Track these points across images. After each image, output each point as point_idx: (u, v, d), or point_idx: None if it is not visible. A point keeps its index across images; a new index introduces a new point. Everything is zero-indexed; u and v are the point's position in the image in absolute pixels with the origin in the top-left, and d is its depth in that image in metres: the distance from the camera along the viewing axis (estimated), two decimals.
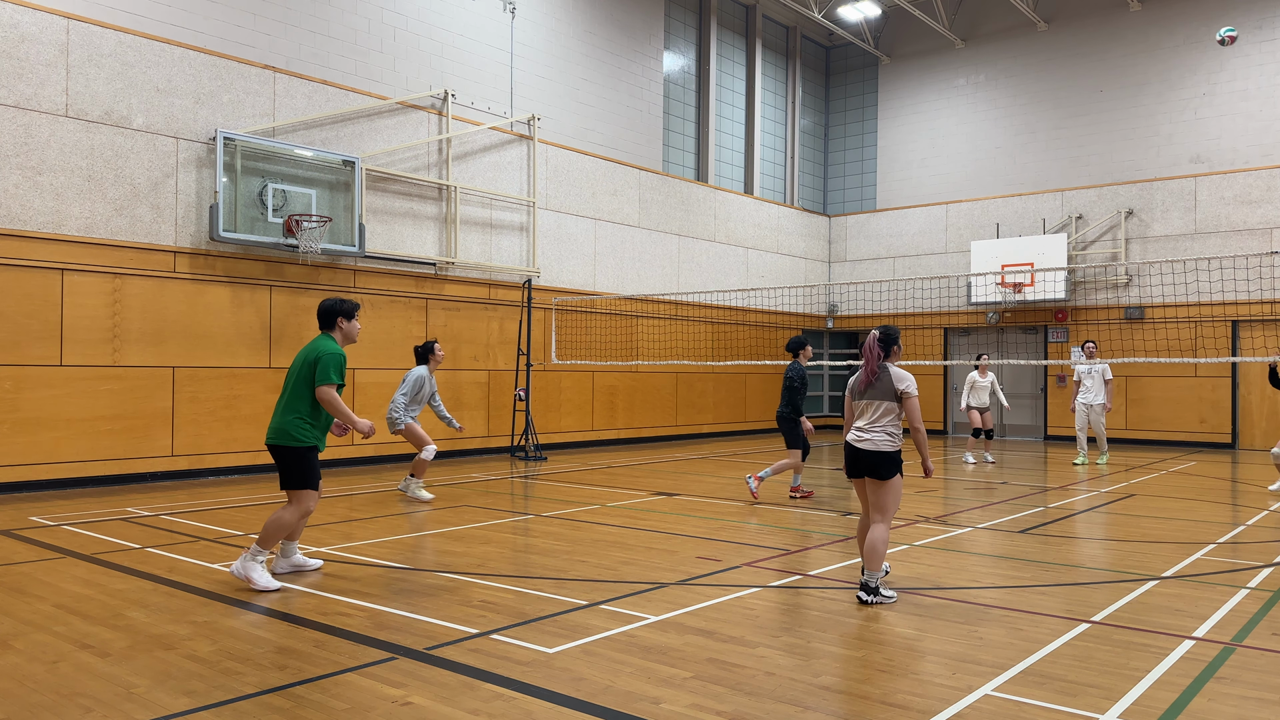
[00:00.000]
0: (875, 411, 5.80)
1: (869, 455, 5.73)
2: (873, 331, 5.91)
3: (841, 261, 22.80)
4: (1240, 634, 4.99)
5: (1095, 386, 13.85)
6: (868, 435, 5.77)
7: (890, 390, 5.77)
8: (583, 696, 4.01)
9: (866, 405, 5.85)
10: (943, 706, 3.91)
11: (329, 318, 6.36)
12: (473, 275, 14.72)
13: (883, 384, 5.80)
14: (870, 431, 5.77)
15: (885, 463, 5.71)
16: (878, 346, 5.85)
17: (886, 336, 5.90)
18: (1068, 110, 19.49)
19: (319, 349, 6.10)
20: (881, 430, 5.76)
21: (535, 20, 15.89)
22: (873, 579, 5.63)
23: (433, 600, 5.63)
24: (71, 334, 10.49)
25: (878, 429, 5.76)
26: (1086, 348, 13.86)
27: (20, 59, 10.17)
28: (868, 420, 5.82)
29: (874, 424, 5.79)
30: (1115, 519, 9.06)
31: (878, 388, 5.82)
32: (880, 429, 5.76)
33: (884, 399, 5.78)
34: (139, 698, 3.98)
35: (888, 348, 5.93)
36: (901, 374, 5.81)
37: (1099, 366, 13.82)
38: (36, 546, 7.26)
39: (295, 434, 6.03)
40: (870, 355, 5.85)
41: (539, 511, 9.29)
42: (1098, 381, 13.85)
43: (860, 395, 5.91)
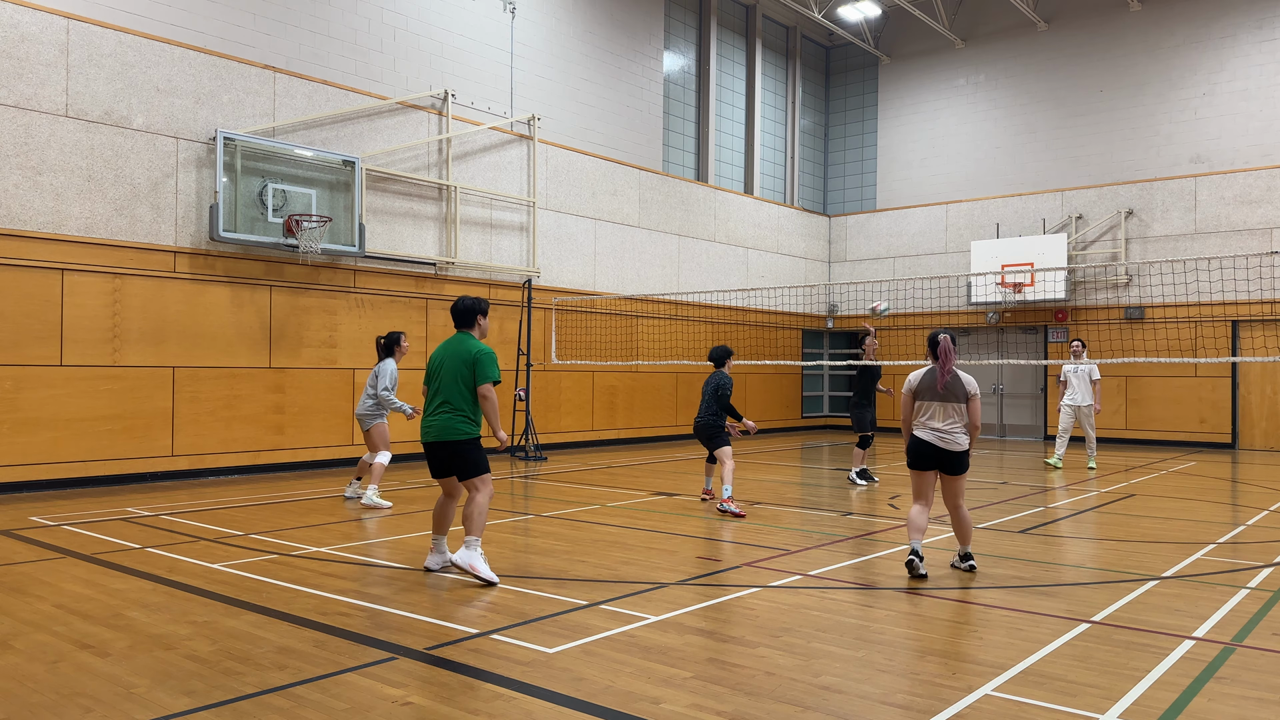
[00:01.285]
0: (953, 412, 6.31)
1: (954, 454, 6.30)
2: (943, 335, 6.33)
3: (841, 261, 22.80)
4: (1240, 634, 4.99)
5: (1082, 387, 13.47)
6: (950, 435, 6.30)
7: (962, 392, 6.32)
8: (583, 696, 4.01)
9: (941, 407, 6.33)
10: (943, 706, 3.91)
11: (469, 316, 6.53)
12: (473, 275, 14.72)
13: (956, 386, 6.32)
14: (952, 432, 6.30)
15: (966, 458, 6.37)
16: (955, 351, 6.30)
17: (954, 340, 6.38)
18: (1068, 110, 19.49)
19: (473, 348, 6.32)
20: (961, 429, 6.32)
21: (535, 20, 15.89)
22: (967, 551, 6.48)
23: (433, 600, 5.63)
24: (71, 334, 10.49)
25: (958, 429, 6.31)
26: (1073, 347, 13.61)
27: (20, 59, 10.17)
28: (945, 421, 6.32)
29: (952, 424, 6.31)
30: (1115, 519, 9.06)
31: (953, 389, 6.31)
32: (960, 429, 6.32)
33: (959, 400, 6.30)
34: (139, 698, 3.98)
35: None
36: (969, 377, 6.38)
37: (1085, 367, 13.49)
38: (36, 546, 7.26)
39: (464, 428, 6.32)
40: (948, 358, 6.31)
41: (539, 511, 9.29)
42: (1084, 382, 13.49)
43: (936, 396, 6.34)
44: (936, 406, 6.31)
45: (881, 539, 7.82)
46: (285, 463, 12.31)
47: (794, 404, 21.74)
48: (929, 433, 6.30)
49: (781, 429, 21.19)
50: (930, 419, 6.33)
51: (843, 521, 8.74)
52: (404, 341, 10.00)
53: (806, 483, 11.92)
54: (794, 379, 21.73)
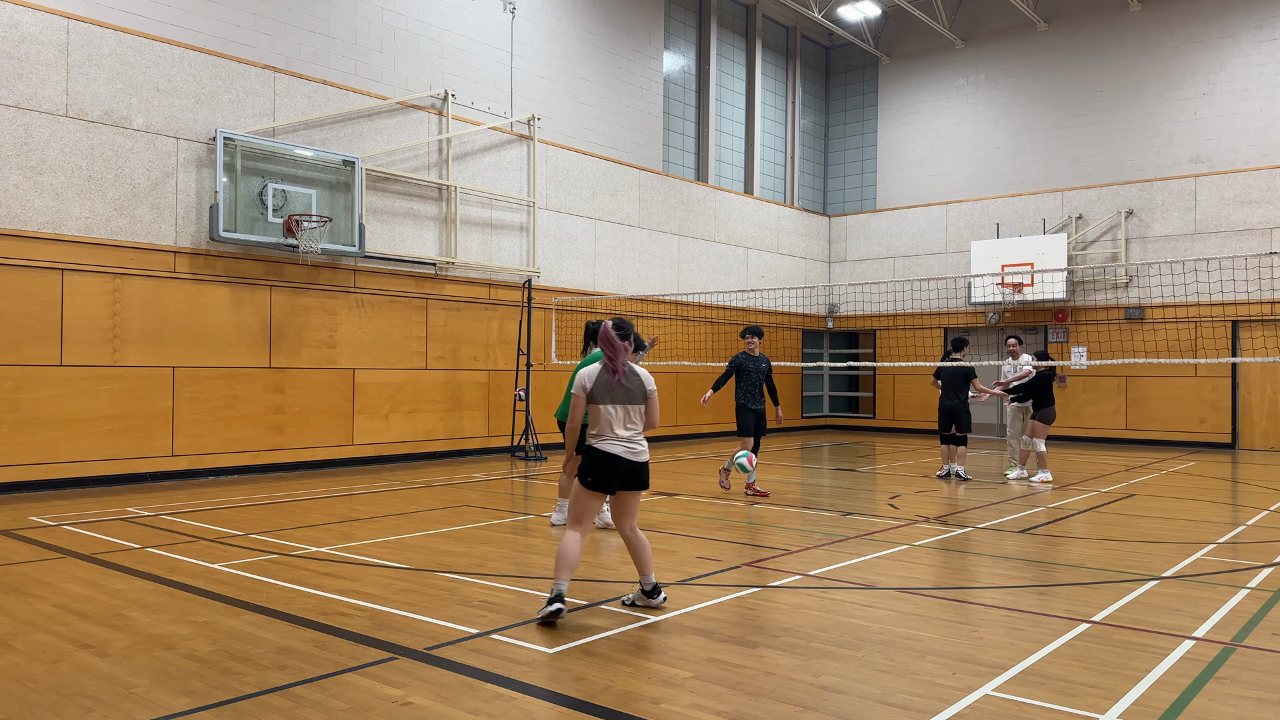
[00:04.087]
0: (635, 416, 5.48)
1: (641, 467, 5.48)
2: (607, 322, 5.40)
3: (841, 261, 22.80)
4: (1240, 634, 4.99)
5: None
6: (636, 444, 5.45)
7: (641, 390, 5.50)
8: (583, 696, 4.00)
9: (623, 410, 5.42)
10: (943, 706, 3.91)
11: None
12: (473, 275, 14.72)
13: (634, 382, 5.46)
14: (638, 440, 5.47)
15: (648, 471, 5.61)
16: (631, 341, 5.53)
17: (624, 327, 5.52)
18: (1068, 110, 19.49)
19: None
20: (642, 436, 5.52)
21: (535, 20, 15.89)
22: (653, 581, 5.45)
23: (433, 600, 5.63)
24: (71, 334, 10.49)
25: (641, 436, 5.50)
26: (1008, 344, 12.63)
27: (20, 59, 10.17)
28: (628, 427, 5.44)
29: (635, 431, 5.46)
30: (1115, 519, 9.06)
31: (631, 388, 5.43)
32: (641, 436, 5.52)
33: (638, 401, 5.49)
34: (139, 698, 3.98)
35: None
36: (644, 371, 5.61)
37: (1026, 365, 12.30)
38: (36, 546, 7.25)
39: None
40: (615, 350, 5.40)
41: (539, 511, 9.28)
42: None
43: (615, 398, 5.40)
44: (618, 411, 5.35)
45: (881, 539, 7.82)
46: (285, 463, 12.31)
47: (794, 404, 21.74)
48: (616, 444, 5.32)
49: (781, 429, 21.18)
50: (613, 427, 5.35)
51: (843, 521, 8.74)
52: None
53: (806, 483, 11.92)
54: (794, 379, 21.73)
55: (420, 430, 13.88)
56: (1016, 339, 12.71)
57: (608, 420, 5.35)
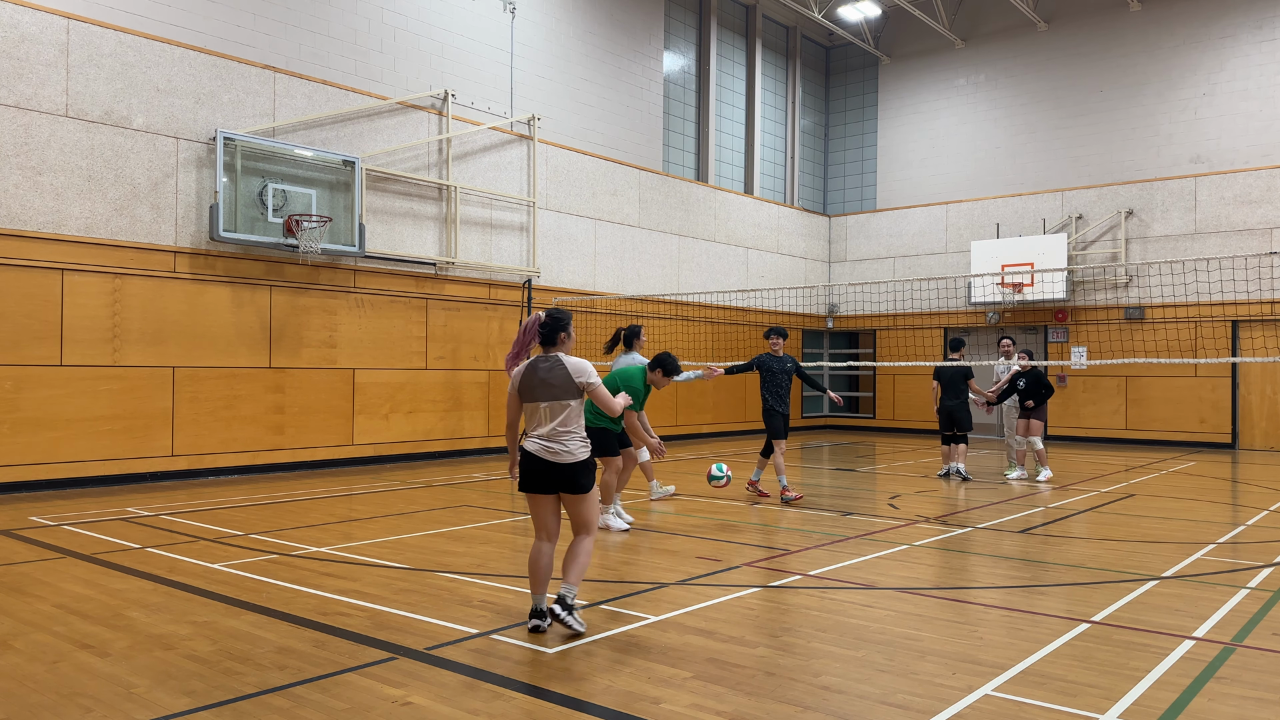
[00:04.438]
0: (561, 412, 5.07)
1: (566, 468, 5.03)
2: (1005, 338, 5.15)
3: (841, 261, 22.80)
4: (1240, 634, 4.99)
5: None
6: (558, 443, 5.02)
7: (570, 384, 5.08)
8: (583, 696, 4.00)
9: (548, 407, 5.05)
10: (943, 706, 3.91)
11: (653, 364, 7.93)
12: (473, 275, 14.72)
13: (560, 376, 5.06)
14: (560, 438, 5.00)
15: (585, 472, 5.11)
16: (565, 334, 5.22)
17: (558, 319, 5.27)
18: (1068, 110, 19.49)
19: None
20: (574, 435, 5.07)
21: (535, 20, 15.89)
22: (568, 594, 4.94)
23: (433, 600, 5.62)
24: (71, 334, 10.49)
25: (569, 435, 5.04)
26: (1003, 345, 12.62)
27: (20, 59, 10.17)
28: (551, 424, 5.07)
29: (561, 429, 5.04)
30: (1115, 519, 9.06)
31: (555, 382, 5.06)
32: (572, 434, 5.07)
33: (568, 396, 5.07)
34: (139, 698, 3.98)
35: None
36: (579, 362, 5.16)
37: (1018, 366, 12.36)
38: (36, 546, 7.25)
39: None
40: (535, 340, 5.19)
41: None
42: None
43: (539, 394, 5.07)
44: (542, 407, 5.01)
45: (881, 539, 7.82)
46: (285, 463, 12.31)
47: (794, 404, 21.73)
48: (534, 441, 5.00)
49: None
50: (537, 424, 5.04)
51: (843, 521, 8.74)
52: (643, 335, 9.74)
53: (806, 483, 11.92)
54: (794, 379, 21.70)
55: (420, 430, 13.88)
56: (1010, 339, 12.72)
57: (533, 416, 5.05)
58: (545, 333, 5.18)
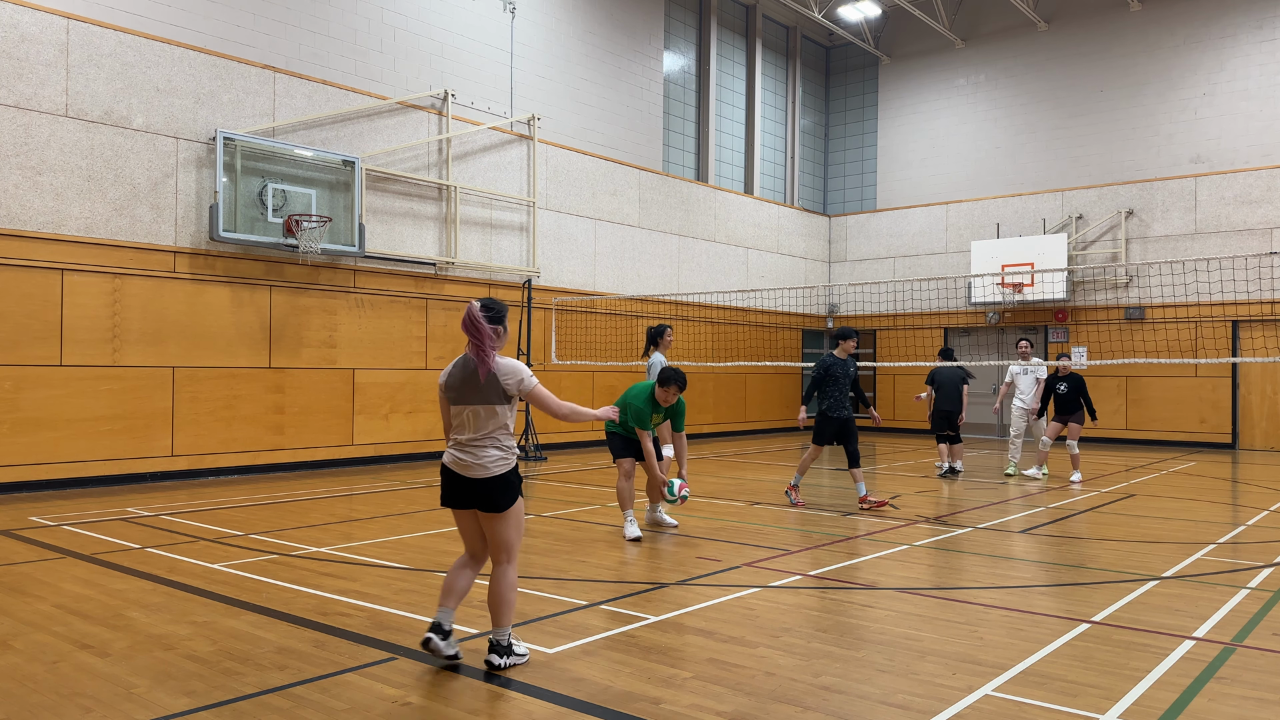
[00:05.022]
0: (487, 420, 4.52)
1: (479, 484, 4.49)
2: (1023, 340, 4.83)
3: (841, 261, 22.80)
4: (1240, 634, 4.99)
5: (1029, 389, 12.74)
6: (473, 455, 4.50)
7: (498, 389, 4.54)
8: (583, 696, 4.00)
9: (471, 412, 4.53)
10: (943, 706, 3.91)
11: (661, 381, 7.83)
12: (473, 275, 14.72)
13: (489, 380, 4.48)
14: (476, 448, 4.49)
15: (504, 489, 4.54)
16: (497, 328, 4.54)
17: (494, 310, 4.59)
18: (1068, 110, 19.49)
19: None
20: (494, 447, 4.52)
21: (535, 20, 15.89)
22: (503, 638, 4.45)
23: (433, 600, 5.62)
24: (71, 334, 10.49)
25: (488, 446, 4.51)
26: (1020, 347, 12.67)
27: (20, 59, 10.17)
28: (473, 432, 4.55)
29: (481, 439, 4.53)
30: (1115, 519, 9.06)
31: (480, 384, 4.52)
32: (491, 446, 4.52)
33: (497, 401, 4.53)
34: (139, 698, 3.98)
35: None
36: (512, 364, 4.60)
37: (1034, 368, 12.68)
38: (36, 546, 7.25)
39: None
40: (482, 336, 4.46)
41: (539, 511, 9.28)
42: (1031, 386, 12.74)
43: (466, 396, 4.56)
44: (467, 411, 4.46)
45: (882, 539, 7.82)
46: (285, 463, 12.31)
47: (794, 404, 21.72)
48: (450, 452, 4.50)
49: (782, 429, 21.19)
50: (460, 429, 4.50)
51: (843, 521, 8.74)
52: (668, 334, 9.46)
53: (807, 483, 11.92)
54: (794, 379, 21.73)
55: (420, 430, 13.88)
56: (1028, 341, 12.83)
57: (457, 422, 4.52)
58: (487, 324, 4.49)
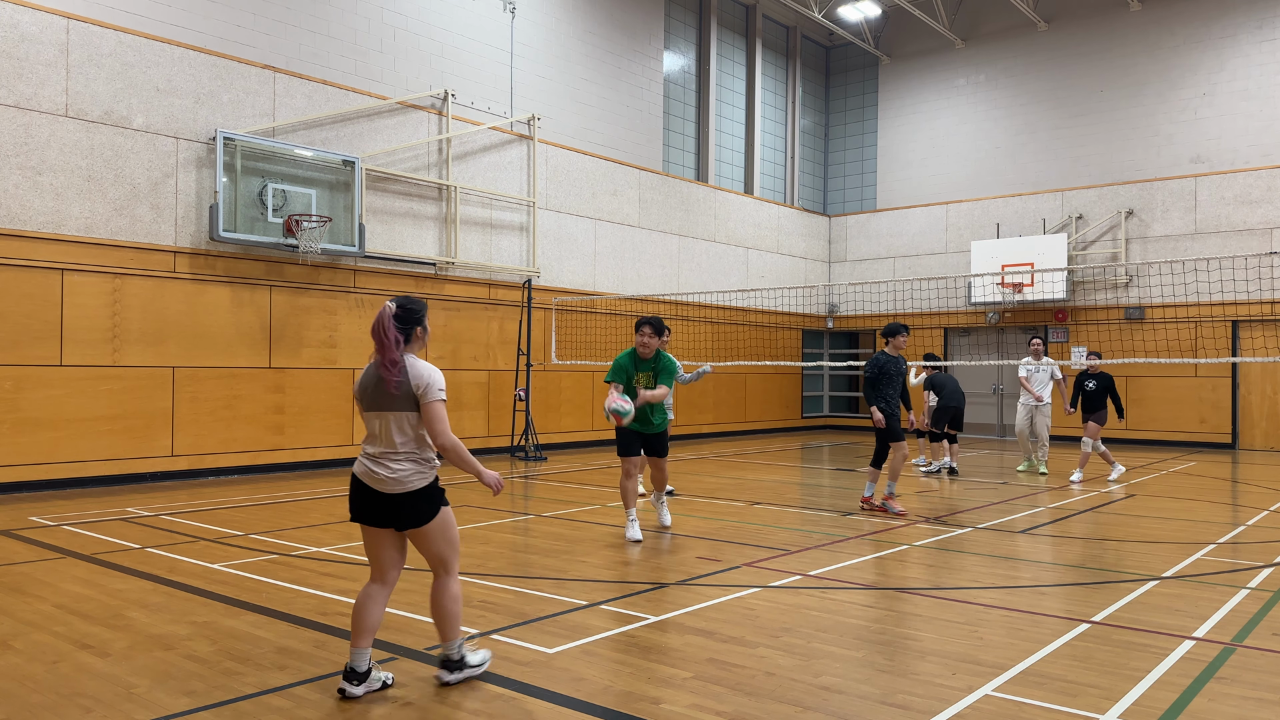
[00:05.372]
0: (396, 429, 4.11)
1: (389, 499, 4.14)
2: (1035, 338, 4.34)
3: (841, 261, 22.80)
4: (1240, 634, 4.99)
5: (1047, 385, 12.93)
6: (383, 467, 4.11)
7: (408, 396, 4.13)
8: (583, 696, 4.00)
9: (379, 419, 4.14)
10: (943, 706, 3.91)
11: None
12: (473, 275, 14.72)
13: (399, 385, 4.11)
14: (387, 460, 4.10)
15: (417, 504, 4.21)
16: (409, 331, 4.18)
17: (411, 309, 4.20)
18: (1068, 110, 19.49)
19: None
20: (404, 459, 4.12)
21: (535, 20, 15.89)
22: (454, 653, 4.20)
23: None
24: (71, 334, 10.49)
25: (399, 458, 4.11)
26: (1033, 345, 12.85)
27: (20, 59, 10.17)
28: (382, 444, 4.16)
29: (391, 450, 4.12)
30: (1115, 519, 9.06)
31: (389, 392, 4.11)
32: (402, 458, 4.12)
33: (403, 409, 4.11)
34: (139, 698, 3.98)
35: None
36: (425, 368, 4.14)
37: (1047, 366, 12.83)
38: (36, 546, 7.25)
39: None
40: (386, 340, 4.06)
41: (539, 511, 9.28)
42: (1045, 383, 12.94)
43: (373, 402, 4.17)
44: (378, 420, 4.10)
45: (881, 539, 7.82)
46: (285, 463, 12.31)
47: (794, 404, 21.74)
48: (361, 463, 4.12)
49: (781, 429, 21.19)
50: (372, 439, 4.14)
51: (843, 521, 8.74)
52: None
53: (806, 483, 11.92)
54: (794, 379, 21.73)
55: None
56: (1040, 339, 13.03)
57: (370, 432, 4.16)
58: (398, 325, 4.10)
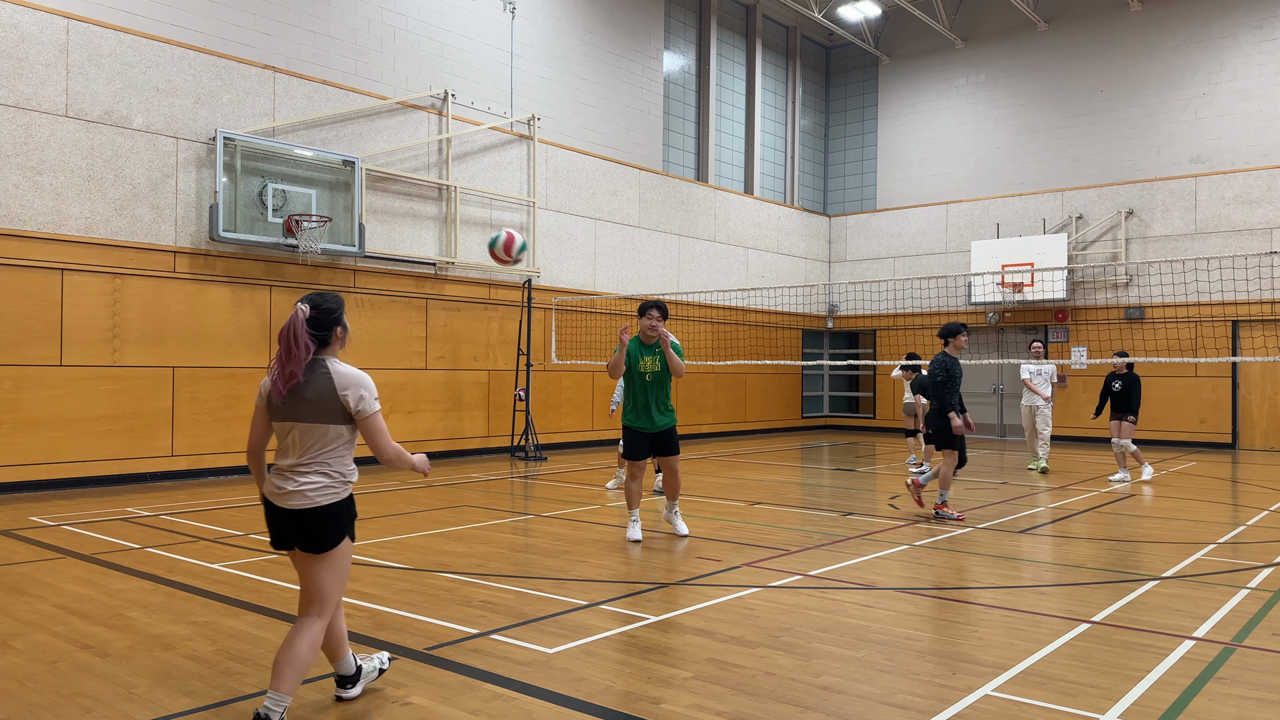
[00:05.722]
0: (312, 442, 3.77)
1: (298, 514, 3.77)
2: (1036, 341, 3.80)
3: (841, 261, 22.80)
4: (1240, 634, 4.99)
5: (1043, 388, 13.10)
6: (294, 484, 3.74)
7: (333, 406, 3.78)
8: (583, 696, 4.00)
9: (290, 431, 3.80)
10: (943, 706, 3.91)
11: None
12: (473, 275, 14.72)
13: (319, 392, 3.77)
14: (299, 475, 3.77)
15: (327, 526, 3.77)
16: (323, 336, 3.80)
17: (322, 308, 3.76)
18: (1068, 110, 19.49)
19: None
20: (319, 474, 3.77)
21: (535, 20, 15.89)
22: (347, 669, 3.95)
23: (433, 600, 5.62)
24: (71, 334, 10.49)
25: (311, 473, 3.75)
26: (1034, 347, 13.05)
27: (20, 59, 10.17)
28: (297, 456, 3.79)
29: (305, 465, 3.77)
30: (1115, 519, 9.06)
31: (302, 401, 3.74)
32: (316, 473, 3.76)
33: (325, 420, 3.78)
34: (139, 698, 3.98)
35: None
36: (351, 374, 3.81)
37: (1048, 368, 13.12)
38: (36, 546, 7.25)
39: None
40: (295, 347, 3.68)
41: (539, 511, 9.29)
42: (1046, 383, 13.12)
43: (281, 413, 3.81)
44: (292, 431, 3.68)
45: (881, 539, 7.82)
46: None
47: (794, 404, 21.74)
48: (270, 481, 3.72)
49: (781, 429, 21.19)
50: (284, 453, 3.72)
51: (843, 521, 8.74)
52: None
53: (806, 483, 11.92)
54: (794, 379, 21.73)
55: (420, 430, 13.88)
56: (1040, 341, 13.13)
57: (281, 442, 3.75)
58: (314, 329, 3.68)
